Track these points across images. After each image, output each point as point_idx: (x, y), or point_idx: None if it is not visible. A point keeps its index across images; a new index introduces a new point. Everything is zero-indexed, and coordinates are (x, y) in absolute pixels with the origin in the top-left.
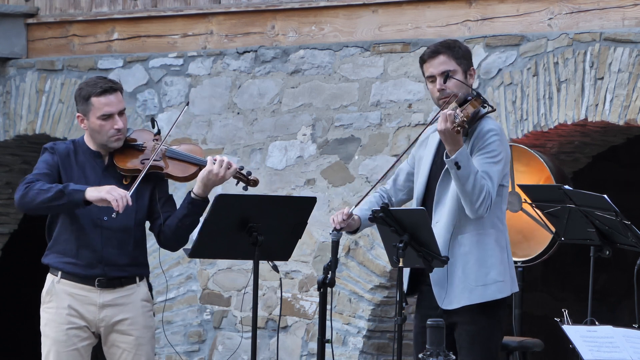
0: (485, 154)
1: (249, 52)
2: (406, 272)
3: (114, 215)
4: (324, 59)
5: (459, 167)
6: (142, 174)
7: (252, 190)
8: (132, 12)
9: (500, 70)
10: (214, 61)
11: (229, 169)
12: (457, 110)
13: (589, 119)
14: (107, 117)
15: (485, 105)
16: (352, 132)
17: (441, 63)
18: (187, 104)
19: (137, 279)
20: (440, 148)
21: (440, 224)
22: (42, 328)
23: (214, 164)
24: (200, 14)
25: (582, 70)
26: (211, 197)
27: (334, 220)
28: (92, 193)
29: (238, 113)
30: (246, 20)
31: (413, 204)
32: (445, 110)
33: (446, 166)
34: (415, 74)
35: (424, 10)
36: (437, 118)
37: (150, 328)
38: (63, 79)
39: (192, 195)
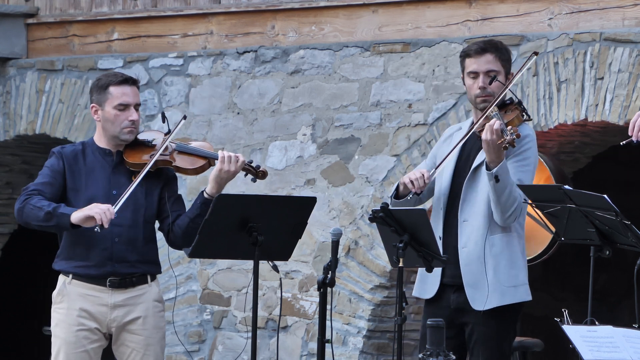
0: (520, 160)
1: (249, 52)
2: (435, 277)
3: (97, 229)
4: (324, 59)
5: (497, 180)
6: (148, 166)
7: (251, 191)
8: (132, 12)
9: None
10: (214, 61)
11: (237, 162)
12: (508, 127)
13: (589, 119)
14: (124, 107)
15: (524, 113)
16: (352, 132)
17: (487, 62)
18: (185, 118)
19: (149, 279)
20: (465, 146)
21: (469, 223)
22: (52, 328)
23: (224, 162)
24: (200, 14)
25: (582, 70)
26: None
27: (413, 184)
28: (77, 215)
29: (238, 113)
30: (246, 20)
31: (440, 201)
32: (493, 123)
33: (474, 165)
34: (415, 74)
35: (424, 10)
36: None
37: (161, 329)
38: (63, 79)
39: (205, 195)
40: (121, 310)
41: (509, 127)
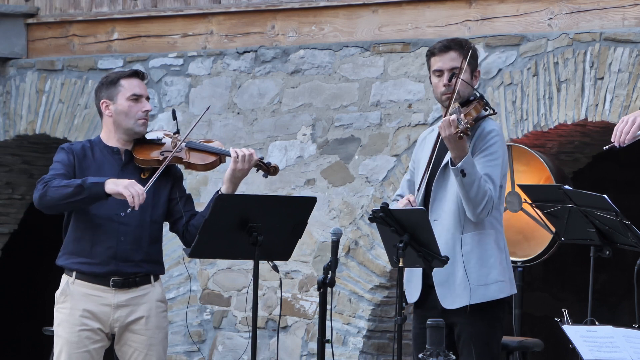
0: (487, 155)
1: (249, 52)
2: (417, 279)
3: (128, 211)
4: (324, 59)
5: (464, 175)
6: (164, 165)
7: (252, 190)
8: (132, 12)
9: (500, 70)
10: (214, 61)
11: (251, 161)
12: (462, 116)
13: (589, 119)
14: (137, 98)
15: (487, 108)
16: (352, 132)
17: (451, 59)
18: (208, 108)
19: (152, 279)
20: (438, 147)
21: (440, 222)
22: (54, 328)
23: (237, 161)
24: (200, 14)
25: (582, 70)
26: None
27: None
28: (111, 186)
29: (238, 113)
30: (246, 20)
31: (415, 203)
32: (448, 117)
33: (443, 164)
34: (415, 74)
35: (424, 10)
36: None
37: (163, 329)
38: (63, 79)
39: None
40: (124, 310)
41: (464, 118)
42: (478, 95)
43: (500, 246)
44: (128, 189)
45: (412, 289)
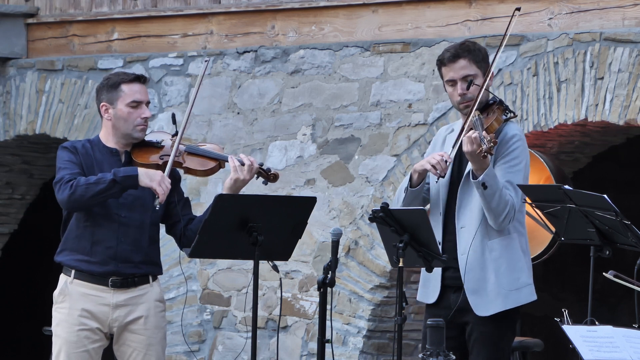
0: (509, 161)
1: (249, 52)
2: (436, 280)
3: (157, 206)
4: (324, 59)
5: (485, 187)
6: (168, 171)
7: (251, 190)
8: (132, 12)
9: (500, 70)
10: (214, 61)
11: (252, 170)
12: (484, 133)
13: (589, 119)
14: (137, 104)
15: (508, 111)
16: (352, 132)
17: (462, 67)
18: (207, 61)
19: (151, 279)
20: (460, 150)
21: (467, 229)
22: (53, 328)
23: (237, 171)
24: (200, 14)
25: (582, 70)
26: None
27: (435, 168)
28: (145, 180)
29: (238, 113)
30: (246, 20)
31: (439, 206)
32: (470, 134)
33: (467, 170)
34: (415, 74)
35: (424, 10)
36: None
37: (162, 328)
38: (63, 79)
39: None
40: (123, 310)
41: (487, 135)
42: (497, 99)
43: (524, 249)
44: (161, 186)
45: (430, 291)
